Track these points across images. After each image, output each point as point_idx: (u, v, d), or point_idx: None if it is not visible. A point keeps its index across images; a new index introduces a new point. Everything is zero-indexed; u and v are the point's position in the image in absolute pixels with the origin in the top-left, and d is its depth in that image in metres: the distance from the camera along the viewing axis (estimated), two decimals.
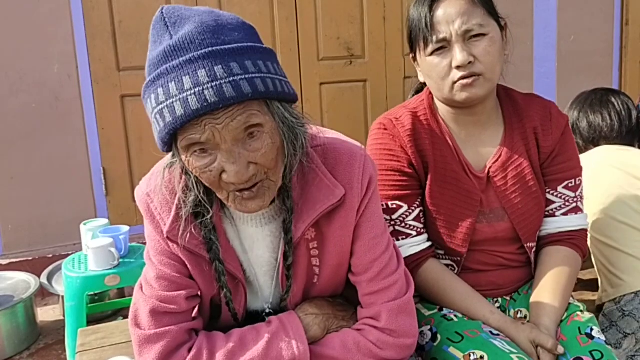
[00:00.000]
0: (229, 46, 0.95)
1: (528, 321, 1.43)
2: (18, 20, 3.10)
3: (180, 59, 0.93)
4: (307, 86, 3.70)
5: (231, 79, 0.93)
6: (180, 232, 1.10)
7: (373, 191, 1.18)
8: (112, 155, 3.40)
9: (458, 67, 1.33)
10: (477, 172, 1.47)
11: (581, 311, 1.43)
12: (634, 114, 1.89)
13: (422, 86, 1.56)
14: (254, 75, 0.95)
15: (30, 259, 3.19)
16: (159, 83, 0.95)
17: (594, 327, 1.37)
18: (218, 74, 0.92)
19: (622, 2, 4.38)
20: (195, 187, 1.07)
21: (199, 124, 0.94)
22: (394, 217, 1.45)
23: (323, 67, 3.75)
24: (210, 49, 0.94)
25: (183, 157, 1.00)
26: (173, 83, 0.93)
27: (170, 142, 1.00)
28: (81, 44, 3.26)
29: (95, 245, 2.37)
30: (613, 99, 1.89)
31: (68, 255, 2.75)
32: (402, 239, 1.45)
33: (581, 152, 1.88)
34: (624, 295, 1.59)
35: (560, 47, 4.27)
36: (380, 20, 3.82)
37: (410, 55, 1.49)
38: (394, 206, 1.44)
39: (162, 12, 0.98)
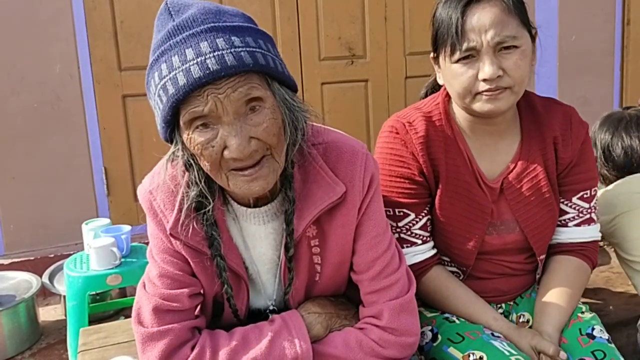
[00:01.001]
0: (230, 24, 0.98)
1: (530, 326, 1.43)
2: (19, 20, 3.10)
3: (184, 34, 0.96)
4: (308, 86, 3.70)
5: (233, 50, 0.95)
6: (182, 225, 1.10)
7: (375, 189, 1.18)
8: (113, 155, 3.40)
9: (485, 80, 1.25)
10: (490, 182, 1.41)
11: (582, 312, 1.43)
12: None
13: (435, 84, 1.51)
14: (254, 49, 0.97)
15: (31, 258, 3.19)
16: (162, 59, 0.97)
17: (595, 327, 1.36)
18: (220, 45, 0.95)
19: (623, 2, 4.37)
20: (198, 176, 1.07)
21: (201, 94, 0.95)
22: (400, 224, 1.41)
23: (324, 67, 3.74)
24: (212, 24, 0.96)
25: (185, 136, 1.00)
26: (176, 56, 0.95)
27: (172, 122, 1.00)
28: (83, 44, 3.26)
29: (97, 244, 2.37)
30: None
31: (70, 255, 2.74)
32: (407, 246, 1.42)
33: (609, 182, 1.79)
34: None
35: (562, 47, 4.26)
36: (382, 20, 3.82)
37: (431, 56, 1.40)
38: (401, 214, 1.40)
39: (166, 4, 1.01)
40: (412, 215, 1.40)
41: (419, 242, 1.42)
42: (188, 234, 1.11)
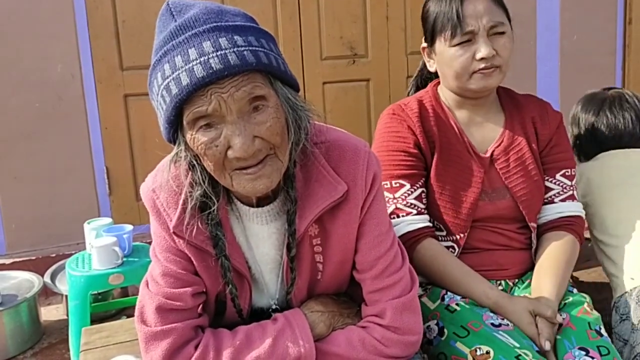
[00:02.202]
0: (233, 23, 0.98)
1: None
2: (21, 19, 3.11)
3: (186, 34, 0.96)
4: (310, 85, 3.70)
5: (235, 49, 0.95)
6: (187, 225, 1.10)
7: (377, 188, 1.18)
8: (115, 155, 3.40)
9: (481, 59, 1.45)
10: (481, 153, 1.56)
11: (587, 303, 1.47)
12: None
13: (421, 81, 1.75)
14: (257, 49, 0.98)
15: (33, 258, 3.19)
16: (165, 60, 0.97)
17: (601, 327, 1.40)
18: (222, 45, 0.95)
19: (625, 1, 4.37)
20: (201, 177, 1.07)
21: (205, 94, 0.95)
22: (396, 195, 1.52)
23: (326, 67, 3.74)
24: (214, 24, 0.97)
25: (188, 136, 1.00)
26: (179, 56, 0.95)
27: (176, 122, 1.00)
28: (84, 44, 3.27)
29: (99, 244, 2.37)
30: (629, 99, 1.85)
31: (71, 254, 2.74)
32: (402, 216, 1.51)
33: (585, 159, 1.87)
34: (620, 297, 1.57)
35: (563, 47, 4.26)
36: (384, 19, 3.82)
37: (423, 45, 1.58)
38: (397, 185, 1.52)
39: (168, 4, 1.01)
40: (408, 186, 1.52)
41: (414, 211, 1.52)
42: (192, 233, 1.11)
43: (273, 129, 1.00)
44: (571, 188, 1.61)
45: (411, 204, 1.52)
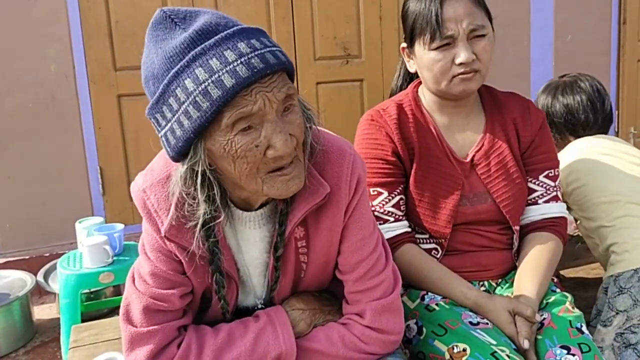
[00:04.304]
0: (250, 26, 0.98)
1: None
2: (15, 20, 3.11)
3: (215, 38, 0.94)
4: (303, 86, 3.70)
5: (267, 49, 0.97)
6: (182, 236, 1.09)
7: (362, 192, 1.18)
8: (108, 155, 3.40)
9: (461, 64, 1.41)
10: (461, 158, 1.54)
11: (569, 302, 1.46)
12: (607, 98, 1.95)
13: (402, 83, 1.70)
14: (279, 50, 1.00)
15: (27, 257, 3.21)
16: (195, 64, 0.94)
17: (582, 324, 1.40)
18: (256, 46, 0.96)
19: (620, 1, 4.38)
20: (217, 192, 1.03)
21: (249, 93, 0.94)
22: (373, 203, 1.51)
23: (319, 67, 3.75)
24: (239, 27, 0.97)
25: (223, 140, 0.97)
26: (214, 59, 0.93)
27: (206, 128, 0.96)
28: (78, 44, 3.27)
29: (90, 242, 2.38)
30: (582, 84, 1.96)
31: (65, 254, 2.75)
32: (380, 224, 1.50)
33: (559, 145, 1.94)
34: (623, 273, 1.63)
35: (557, 47, 4.27)
36: (377, 19, 3.83)
37: (403, 46, 1.55)
38: (375, 193, 1.51)
39: (164, 12, 0.99)
40: (385, 194, 1.51)
41: (391, 219, 1.52)
42: (186, 240, 1.09)
43: (301, 127, 1.02)
44: (555, 189, 1.59)
45: (389, 211, 1.51)
